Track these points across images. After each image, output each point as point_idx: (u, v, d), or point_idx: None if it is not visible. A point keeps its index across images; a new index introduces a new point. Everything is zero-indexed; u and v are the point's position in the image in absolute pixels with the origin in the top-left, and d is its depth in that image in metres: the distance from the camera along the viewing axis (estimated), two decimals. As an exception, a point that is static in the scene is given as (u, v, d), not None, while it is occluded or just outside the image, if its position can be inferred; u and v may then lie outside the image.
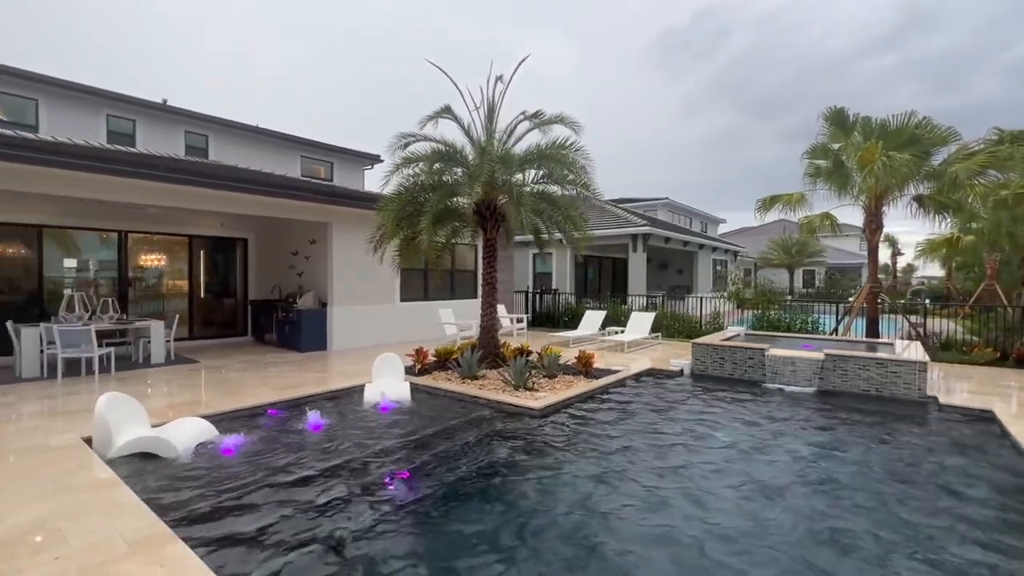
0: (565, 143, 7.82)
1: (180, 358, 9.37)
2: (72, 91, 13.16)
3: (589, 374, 7.78)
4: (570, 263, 17.54)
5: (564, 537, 3.23)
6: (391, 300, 11.83)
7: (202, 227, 11.66)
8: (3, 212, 8.88)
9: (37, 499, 3.41)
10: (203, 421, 5.06)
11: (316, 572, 2.79)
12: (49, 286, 9.53)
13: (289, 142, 17.91)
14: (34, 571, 2.57)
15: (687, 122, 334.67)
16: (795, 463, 4.56)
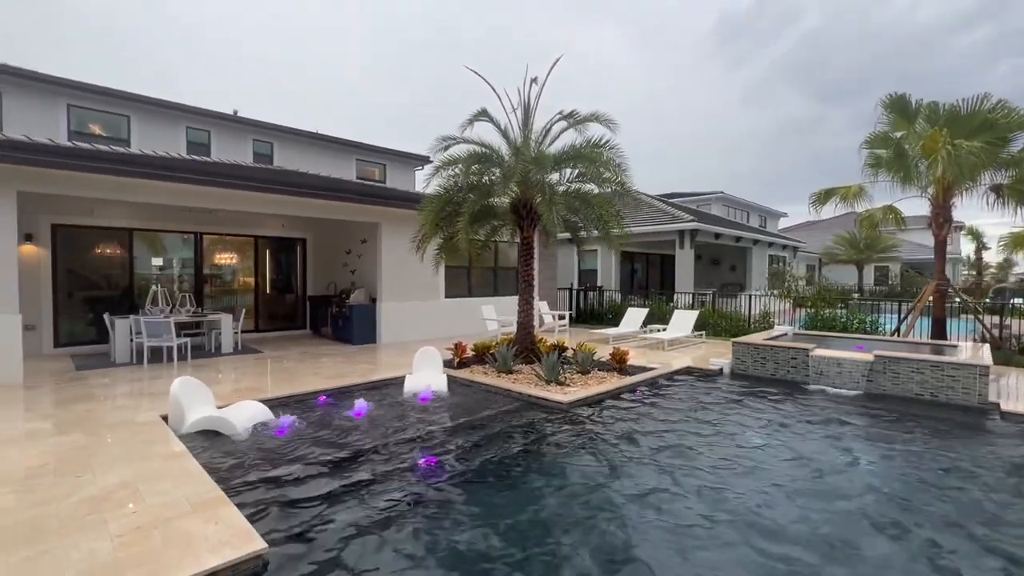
0: (600, 142, 7.89)
1: (246, 348, 10.28)
2: (157, 107, 14.61)
3: (623, 371, 7.84)
4: (615, 260, 17.41)
5: (549, 520, 3.42)
6: (436, 296, 12.32)
7: (266, 228, 12.65)
8: (101, 217, 10.13)
9: (123, 464, 4.01)
10: (260, 404, 5.63)
11: (344, 535, 3.14)
12: (139, 282, 10.74)
13: (345, 146, 18.90)
14: (116, 522, 3.08)
15: (748, 111, 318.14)
16: (819, 465, 4.47)
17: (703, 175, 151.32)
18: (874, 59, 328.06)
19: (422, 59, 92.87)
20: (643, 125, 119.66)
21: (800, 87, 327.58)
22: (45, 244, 9.60)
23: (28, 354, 9.08)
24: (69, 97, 13.24)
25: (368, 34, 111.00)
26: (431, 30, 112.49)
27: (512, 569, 2.87)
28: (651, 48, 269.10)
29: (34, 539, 2.89)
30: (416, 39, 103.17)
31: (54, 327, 9.71)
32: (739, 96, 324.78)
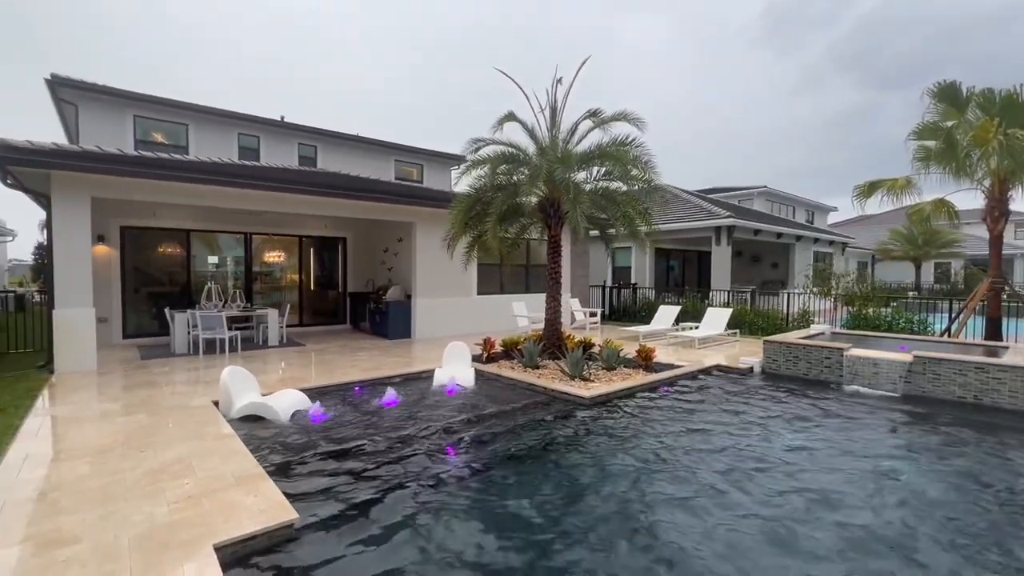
0: (626, 140, 7.94)
1: (291, 341, 10.93)
2: (212, 115, 15.61)
3: (649, 368, 7.88)
4: (649, 257, 17.23)
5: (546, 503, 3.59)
6: (469, 293, 12.64)
7: (309, 228, 13.34)
8: (163, 219, 11.00)
9: (179, 443, 4.47)
10: (300, 393, 6.06)
11: (368, 508, 3.43)
12: (195, 279, 11.60)
13: (385, 148, 19.54)
14: (172, 491, 3.49)
15: (798, 101, 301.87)
16: (845, 469, 4.43)
17: (749, 169, 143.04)
18: (933, 41, 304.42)
19: (458, 57, 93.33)
20: (685, 118, 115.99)
21: (854, 73, 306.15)
22: (115, 244, 10.54)
23: (100, 344, 10.01)
24: (135, 108, 14.35)
25: (405, 33, 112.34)
26: (466, 25, 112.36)
27: (502, 552, 3.07)
28: (693, 37, 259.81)
29: (105, 502, 3.33)
30: (452, 37, 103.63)
31: (122, 320, 10.65)
32: (789, 85, 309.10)
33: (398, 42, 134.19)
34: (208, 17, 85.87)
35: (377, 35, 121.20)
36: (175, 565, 2.62)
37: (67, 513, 3.18)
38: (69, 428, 4.94)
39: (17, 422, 5.03)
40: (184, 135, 15.36)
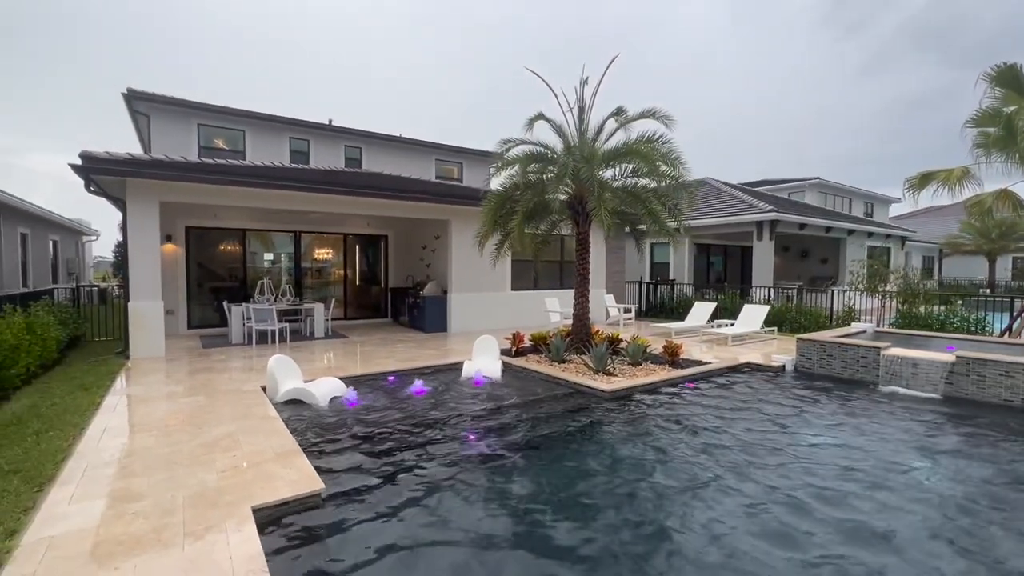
0: (653, 137, 7.96)
1: (335, 333, 11.62)
2: (266, 121, 16.67)
3: (675, 364, 7.90)
4: (688, 253, 16.94)
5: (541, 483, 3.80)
6: (503, 288, 12.95)
7: (353, 227, 14.05)
8: (222, 220, 11.95)
9: (229, 422, 5.02)
10: (338, 380, 6.56)
11: (389, 483, 3.79)
12: (251, 275, 12.52)
13: (426, 147, 20.15)
14: (221, 461, 3.99)
15: (865, 85, 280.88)
16: (868, 471, 4.40)
17: (809, 159, 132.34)
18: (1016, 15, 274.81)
19: (497, 47, 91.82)
20: (739, 107, 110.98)
21: (929, 53, 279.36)
22: (181, 243, 11.56)
23: (167, 334, 11.03)
24: (198, 117, 15.56)
25: (442, 25, 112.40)
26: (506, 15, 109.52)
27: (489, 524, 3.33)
28: (749, 21, 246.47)
29: (167, 468, 3.86)
30: (491, 24, 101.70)
31: (187, 312, 11.68)
32: (855, 68, 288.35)
33: (446, 31, 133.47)
34: (256, 21, 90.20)
35: (433, 33, 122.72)
36: (220, 521, 3.06)
37: (135, 476, 3.72)
38: (140, 406, 5.63)
39: (98, 399, 5.77)
40: (241, 140, 16.49)
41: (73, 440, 4.45)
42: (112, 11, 66.59)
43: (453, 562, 2.89)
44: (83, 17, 62.46)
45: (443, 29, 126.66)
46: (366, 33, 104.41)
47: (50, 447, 4.24)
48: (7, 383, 6.06)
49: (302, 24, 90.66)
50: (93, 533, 2.92)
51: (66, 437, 4.49)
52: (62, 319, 9.19)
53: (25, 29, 61.64)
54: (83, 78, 73.96)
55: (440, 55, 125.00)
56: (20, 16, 71.19)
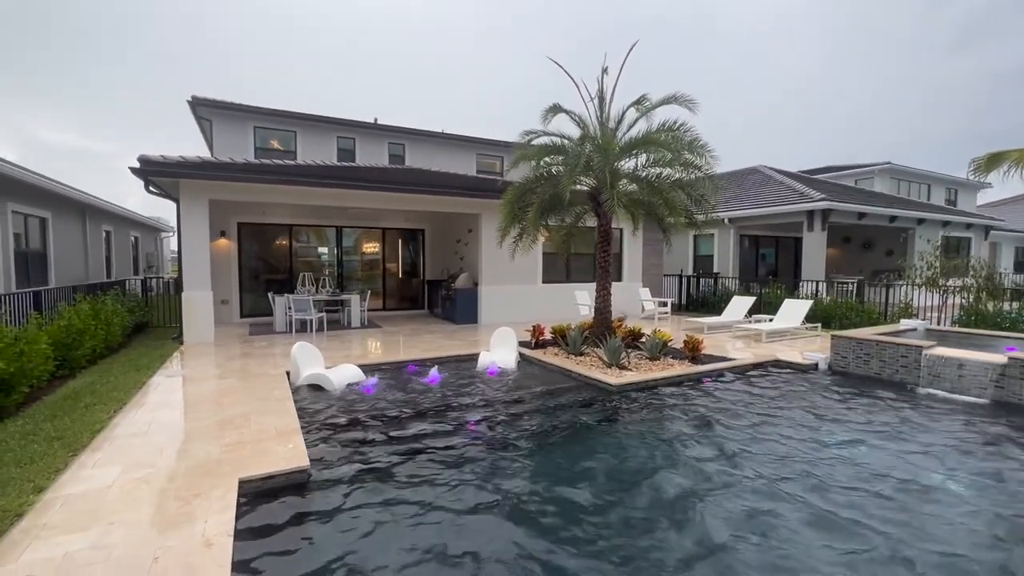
0: (673, 125, 7.72)
1: (371, 323, 12.16)
2: (315, 122, 17.56)
3: (696, 359, 7.66)
4: (733, 245, 16.17)
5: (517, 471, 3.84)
6: (534, 281, 13.00)
7: (391, 221, 14.58)
8: (269, 216, 12.79)
9: (247, 402, 5.46)
10: (356, 368, 6.91)
11: (377, 465, 4.00)
12: (296, 267, 13.32)
13: (467, 142, 20.44)
14: (229, 437, 4.37)
15: (957, 58, 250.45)
16: (887, 482, 4.12)
17: (885, 142, 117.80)
18: None
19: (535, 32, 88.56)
20: (804, 91, 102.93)
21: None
22: (233, 238, 12.49)
23: (222, 321, 12.02)
24: (255, 120, 16.66)
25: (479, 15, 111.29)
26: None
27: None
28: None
29: (184, 440, 4.29)
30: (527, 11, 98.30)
31: (240, 302, 12.63)
32: (947, 40, 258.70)
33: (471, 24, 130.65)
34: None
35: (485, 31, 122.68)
36: (208, 489, 3.38)
37: (152, 446, 4.16)
38: (179, 385, 6.22)
39: (145, 379, 6.42)
40: (293, 141, 17.49)
41: (113, 413, 5.01)
42: (189, 15, 73.69)
43: (410, 544, 3.04)
44: (168, 25, 69.80)
45: (491, 24, 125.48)
46: (412, 31, 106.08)
47: (93, 418, 4.80)
48: (74, 362, 6.88)
49: (351, 27, 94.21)
50: (103, 493, 3.33)
51: (108, 411, 5.06)
52: (130, 307, 10.23)
53: (130, 38, 70.79)
54: (171, 83, 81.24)
55: (484, 48, 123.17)
56: (126, 22, 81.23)
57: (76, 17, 65.00)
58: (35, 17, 68.79)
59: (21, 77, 69.52)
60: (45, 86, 71.75)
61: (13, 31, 70.27)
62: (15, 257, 10.05)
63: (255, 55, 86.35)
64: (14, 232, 10.03)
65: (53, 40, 67.66)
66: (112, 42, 67.49)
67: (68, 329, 6.85)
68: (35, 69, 67.55)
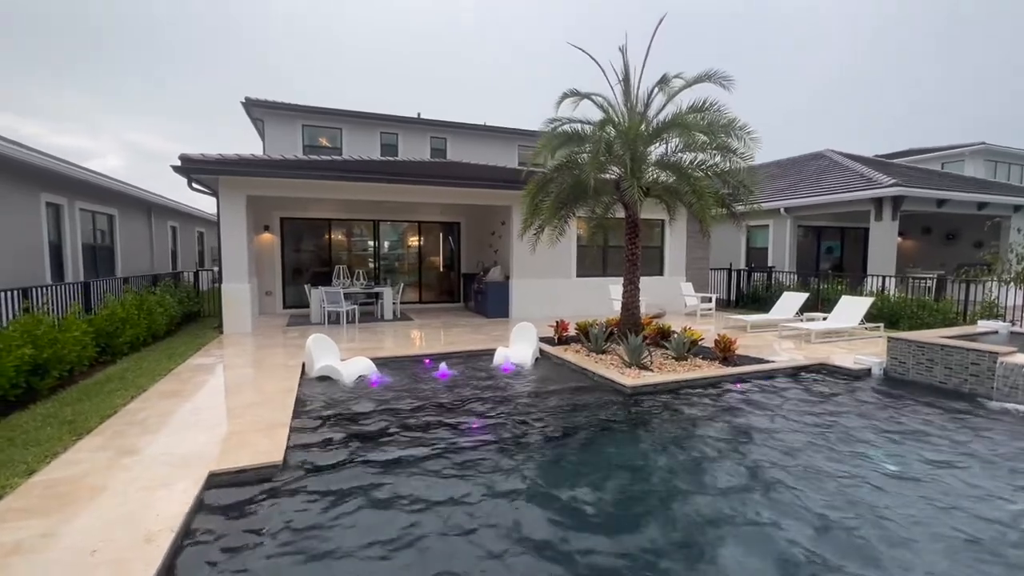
0: (703, 105, 7.08)
1: (403, 316, 12.27)
2: (359, 118, 17.98)
3: (728, 361, 7.04)
4: (790, 236, 14.88)
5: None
6: (568, 275, 12.61)
7: (427, 215, 14.64)
8: (310, 211, 13.20)
9: (254, 392, 5.56)
10: (368, 361, 6.90)
11: (354, 459, 3.90)
12: (334, 260, 13.70)
13: (508, 134, 20.21)
14: (221, 428, 4.44)
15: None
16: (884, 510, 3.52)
17: (987, 116, 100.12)
18: None
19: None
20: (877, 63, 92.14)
21: None
22: (277, 233, 13.00)
23: (265, 312, 12.57)
24: (303, 119, 17.28)
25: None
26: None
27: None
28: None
29: (178, 430, 4.39)
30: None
31: (283, 293, 13.15)
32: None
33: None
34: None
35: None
36: (176, 478, 3.40)
37: (149, 434, 4.28)
38: (198, 374, 6.47)
39: (172, 367, 6.75)
40: (339, 138, 18.01)
41: (129, 399, 5.25)
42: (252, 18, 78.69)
43: (355, 543, 2.88)
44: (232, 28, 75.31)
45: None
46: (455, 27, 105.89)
47: (109, 403, 5.05)
48: (116, 349, 7.36)
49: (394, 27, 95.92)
50: (83, 478, 3.43)
51: (126, 397, 5.32)
52: (180, 298, 10.89)
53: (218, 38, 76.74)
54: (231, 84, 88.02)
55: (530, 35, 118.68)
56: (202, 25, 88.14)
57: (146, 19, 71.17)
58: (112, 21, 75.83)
59: (110, 82, 77.13)
60: (133, 92, 79.15)
61: (92, 36, 78.21)
62: (83, 250, 10.98)
63: (303, 55, 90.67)
64: (82, 227, 10.95)
65: (132, 45, 74.69)
66: (184, 46, 73.76)
67: (111, 318, 7.32)
68: (121, 72, 74.89)
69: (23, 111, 72.73)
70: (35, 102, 76.87)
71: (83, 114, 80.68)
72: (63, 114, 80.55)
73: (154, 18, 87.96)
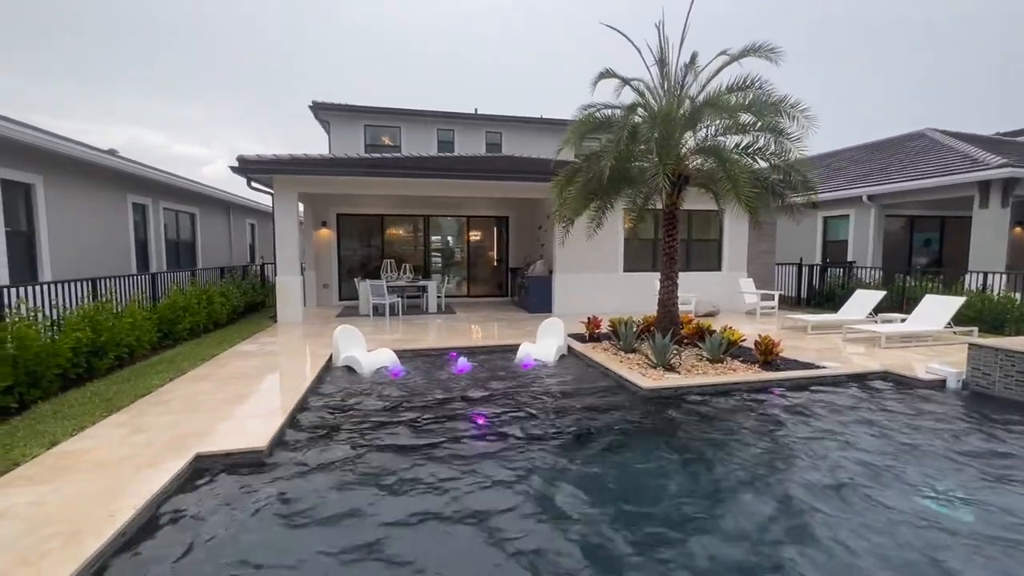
0: (742, 83, 6.41)
1: (448, 310, 12.43)
2: (416, 116, 18.43)
3: (769, 364, 6.36)
4: (874, 227, 13.20)
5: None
6: (614, 269, 12.11)
7: (475, 209, 14.71)
8: (362, 207, 13.75)
9: (275, 379, 5.86)
10: (391, 352, 7.02)
11: (340, 450, 3.96)
12: (387, 254, 14.17)
13: (563, 125, 19.70)
14: (225, 411, 4.68)
15: None
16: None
17: None
18: None
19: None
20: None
21: None
22: (333, 228, 13.69)
23: (323, 303, 13.29)
24: (364, 119, 18.04)
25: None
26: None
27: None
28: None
29: (191, 411, 4.69)
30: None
31: (339, 286, 13.84)
32: None
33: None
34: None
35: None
36: (166, 458, 3.61)
37: (164, 414, 4.62)
38: (234, 359, 6.92)
39: (216, 352, 7.29)
40: (398, 136, 18.61)
41: (167, 381, 5.72)
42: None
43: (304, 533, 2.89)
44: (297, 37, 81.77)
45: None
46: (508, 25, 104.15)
47: (146, 384, 5.54)
48: (176, 335, 8.09)
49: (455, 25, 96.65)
50: (90, 452, 3.75)
51: (164, 378, 5.81)
52: (245, 289, 11.80)
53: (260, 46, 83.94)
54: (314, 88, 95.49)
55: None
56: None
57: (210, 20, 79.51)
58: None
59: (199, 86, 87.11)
60: (236, 104, 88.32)
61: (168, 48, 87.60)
62: (167, 245, 12.22)
63: (370, 55, 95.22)
64: (165, 224, 12.19)
65: (230, 66, 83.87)
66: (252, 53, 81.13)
67: (172, 307, 8.06)
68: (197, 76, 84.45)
69: (150, 124, 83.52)
70: (159, 116, 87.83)
71: (198, 125, 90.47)
72: (181, 125, 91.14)
73: (253, 42, 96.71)
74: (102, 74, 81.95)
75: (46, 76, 79.04)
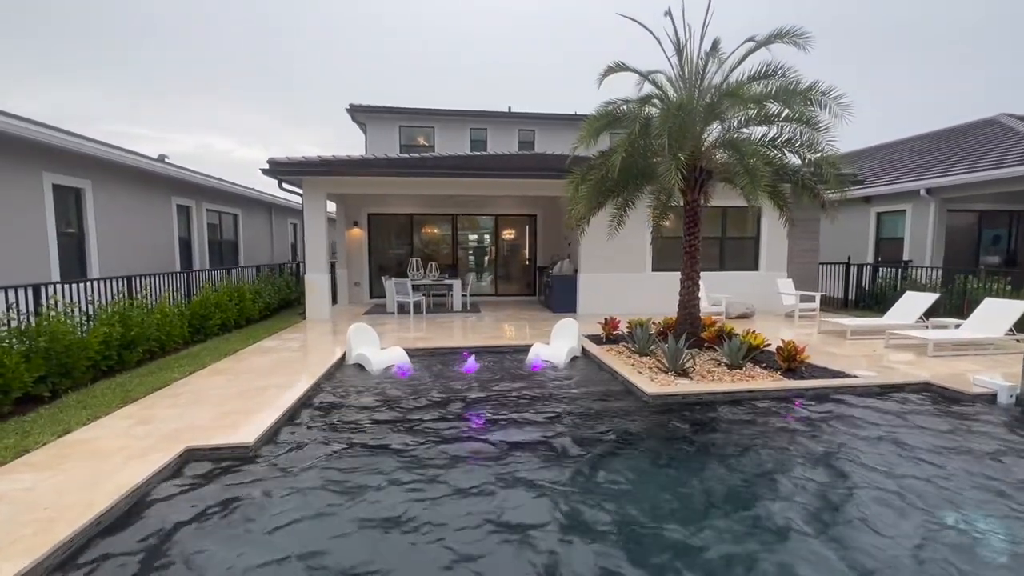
0: (768, 70, 5.98)
1: (472, 308, 12.44)
2: (450, 116, 18.59)
3: (792, 372, 5.93)
4: (934, 223, 12.07)
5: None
6: (642, 269, 11.72)
7: (502, 207, 14.64)
8: (392, 207, 13.99)
9: (287, 375, 6.00)
10: (401, 351, 7.07)
11: (327, 448, 4.00)
12: (416, 253, 14.37)
13: (600, 121, 19.36)
14: (228, 406, 4.83)
15: None
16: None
17: None
18: None
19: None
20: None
21: None
22: (364, 227, 14.01)
23: (354, 301, 13.63)
24: (400, 120, 18.40)
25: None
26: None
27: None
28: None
29: (197, 404, 4.89)
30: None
31: (370, 284, 14.16)
32: None
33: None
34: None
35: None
36: (157, 451, 3.76)
37: (173, 407, 4.83)
38: (253, 355, 7.18)
39: (239, 348, 7.60)
40: (432, 136, 18.85)
41: (186, 375, 6.01)
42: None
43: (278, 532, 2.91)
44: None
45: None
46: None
47: (164, 378, 5.83)
48: (207, 331, 8.51)
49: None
50: (94, 442, 3.96)
51: (183, 372, 6.10)
52: (278, 287, 12.28)
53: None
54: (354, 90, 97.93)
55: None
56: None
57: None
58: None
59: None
60: (294, 110, 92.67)
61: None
62: (210, 244, 12.91)
63: (406, 54, 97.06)
64: (208, 224, 12.88)
65: (275, 80, 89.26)
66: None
67: (203, 304, 8.48)
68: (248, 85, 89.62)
69: (218, 130, 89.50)
70: (224, 123, 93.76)
71: (262, 131, 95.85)
72: (245, 130, 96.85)
73: (300, 51, 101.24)
74: (174, 86, 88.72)
75: (121, 88, 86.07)
